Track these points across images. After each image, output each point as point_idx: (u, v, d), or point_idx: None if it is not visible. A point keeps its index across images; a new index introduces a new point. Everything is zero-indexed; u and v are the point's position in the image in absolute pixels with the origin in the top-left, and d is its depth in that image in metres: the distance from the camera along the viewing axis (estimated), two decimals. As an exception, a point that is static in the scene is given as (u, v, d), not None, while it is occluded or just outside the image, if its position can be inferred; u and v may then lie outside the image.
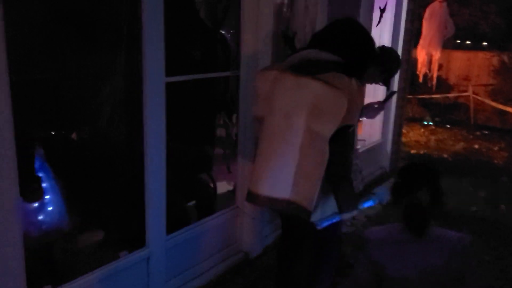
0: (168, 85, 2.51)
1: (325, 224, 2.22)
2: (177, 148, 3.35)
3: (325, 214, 2.25)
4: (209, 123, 3.98)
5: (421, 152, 6.77)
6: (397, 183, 1.88)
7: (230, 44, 4.11)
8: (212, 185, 3.57)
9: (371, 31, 4.56)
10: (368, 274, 1.89)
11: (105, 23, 2.60)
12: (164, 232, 2.66)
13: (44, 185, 2.45)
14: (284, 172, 2.03)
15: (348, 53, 2.17)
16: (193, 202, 3.36)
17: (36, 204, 2.49)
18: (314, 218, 2.21)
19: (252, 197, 2.15)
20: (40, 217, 2.53)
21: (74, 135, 2.95)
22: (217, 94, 4.15)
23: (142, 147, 2.47)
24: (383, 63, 2.44)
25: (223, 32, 4.45)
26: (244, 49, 3.04)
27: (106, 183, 2.82)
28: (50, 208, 2.57)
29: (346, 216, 2.23)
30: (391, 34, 5.14)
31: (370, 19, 4.52)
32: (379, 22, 4.55)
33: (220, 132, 4.72)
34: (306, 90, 2.00)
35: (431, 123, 8.74)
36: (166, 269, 2.71)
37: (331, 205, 2.22)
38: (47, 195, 2.51)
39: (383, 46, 2.60)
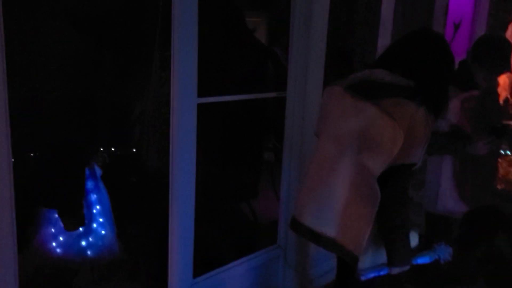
0: (208, 105, 2.28)
1: (371, 275, 1.93)
2: (213, 174, 3.07)
3: (374, 264, 1.94)
4: (254, 146, 3.67)
5: (498, 187, 5.98)
6: (464, 232, 1.46)
7: (284, 63, 3.81)
8: (252, 217, 3.22)
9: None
10: None
11: (138, 40, 2.38)
12: (190, 274, 2.34)
13: (98, 207, 2.38)
14: (330, 207, 1.78)
15: (423, 76, 1.81)
16: (228, 237, 3.02)
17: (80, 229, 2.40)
18: (362, 265, 1.90)
19: (295, 225, 1.91)
20: (86, 242, 2.45)
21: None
22: (266, 114, 3.86)
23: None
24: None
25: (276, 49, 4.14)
26: (292, 68, 2.69)
27: (136, 211, 2.60)
28: (102, 232, 2.46)
29: (396, 270, 1.88)
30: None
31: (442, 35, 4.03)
32: (452, 38, 4.05)
33: (269, 156, 4.38)
34: (361, 116, 1.72)
35: (508, 153, 7.83)
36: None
37: (383, 254, 1.89)
38: (100, 218, 2.42)
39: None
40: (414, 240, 1.97)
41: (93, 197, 2.44)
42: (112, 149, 2.61)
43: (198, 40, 2.12)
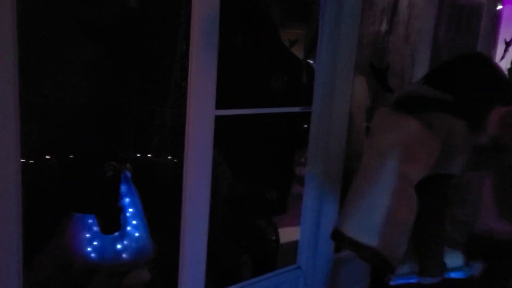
0: (237, 117, 2.30)
1: (400, 281, 1.96)
2: (239, 187, 3.01)
3: (406, 271, 1.96)
4: (284, 160, 3.58)
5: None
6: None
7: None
8: (274, 234, 3.11)
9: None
10: None
11: (159, 50, 2.37)
12: (200, 289, 2.28)
13: (131, 210, 2.38)
14: (371, 217, 1.81)
15: (467, 95, 1.86)
16: (247, 253, 2.93)
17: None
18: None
19: (336, 235, 1.93)
20: (121, 245, 2.45)
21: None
22: (299, 128, 3.77)
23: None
24: None
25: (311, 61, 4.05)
26: (319, 83, 2.59)
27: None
28: (136, 234, 2.46)
29: (426, 280, 1.92)
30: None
31: (493, 53, 3.79)
32: (503, 57, 3.79)
33: (301, 171, 4.27)
34: (401, 128, 1.81)
35: None
36: None
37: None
38: (134, 220, 2.41)
39: None
40: (458, 260, 1.97)
41: (126, 200, 2.46)
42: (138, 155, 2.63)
43: (222, 51, 2.08)
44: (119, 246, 2.47)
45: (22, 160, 1.66)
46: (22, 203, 1.66)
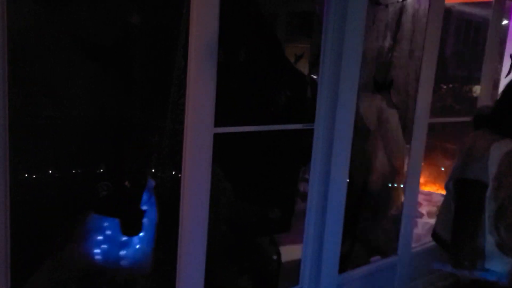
0: (238, 134, 2.31)
1: (436, 266, 2.18)
2: (241, 205, 2.95)
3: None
4: (288, 177, 3.51)
5: None
6: None
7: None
8: (275, 253, 3.04)
9: (498, 82, 3.75)
10: None
11: (158, 65, 2.35)
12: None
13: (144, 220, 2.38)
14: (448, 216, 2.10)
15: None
16: (247, 273, 2.86)
17: (124, 238, 2.40)
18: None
19: (434, 235, 2.27)
20: (123, 253, 2.44)
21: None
22: (301, 144, 3.71)
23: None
24: None
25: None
26: (321, 99, 2.54)
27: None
28: (137, 246, 2.45)
29: (457, 271, 2.06)
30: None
31: (499, 68, 3.73)
32: (509, 72, 3.72)
33: (305, 188, 4.20)
34: (468, 141, 2.12)
35: None
36: None
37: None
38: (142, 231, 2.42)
39: None
40: (504, 266, 2.00)
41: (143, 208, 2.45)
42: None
43: (222, 66, 2.04)
44: (122, 253, 2.44)
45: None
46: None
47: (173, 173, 2.52)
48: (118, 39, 2.24)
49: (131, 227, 2.38)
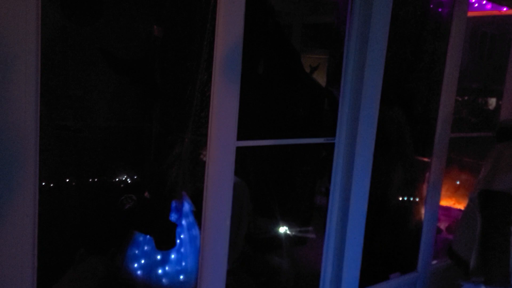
0: (256, 147, 2.31)
1: (467, 286, 2.18)
2: (257, 219, 2.93)
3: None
4: (303, 190, 3.49)
5: None
6: None
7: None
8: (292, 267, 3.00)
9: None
10: None
11: (180, 78, 2.36)
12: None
13: (182, 236, 2.35)
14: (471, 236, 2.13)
15: None
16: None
17: (159, 257, 2.37)
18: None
19: (450, 252, 2.33)
20: (161, 270, 2.42)
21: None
22: (320, 157, 3.68)
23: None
24: None
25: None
26: (343, 112, 2.53)
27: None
28: (183, 263, 2.40)
29: None
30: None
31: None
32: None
33: (321, 201, 4.16)
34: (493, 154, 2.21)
35: None
36: None
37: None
38: (182, 247, 2.37)
39: None
40: None
41: (181, 236, 2.45)
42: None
43: (242, 79, 2.05)
44: (160, 271, 2.43)
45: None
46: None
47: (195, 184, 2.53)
48: (141, 52, 2.26)
49: (164, 241, 2.34)
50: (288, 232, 3.17)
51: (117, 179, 2.51)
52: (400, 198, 3.43)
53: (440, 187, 3.22)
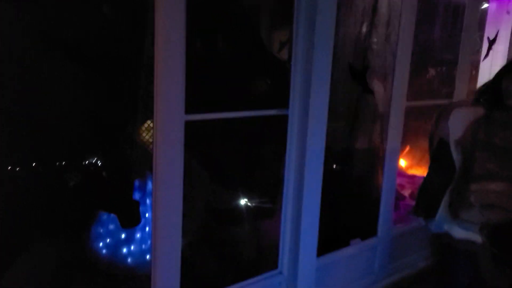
0: (218, 121, 2.34)
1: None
2: (221, 193, 2.97)
3: None
4: (272, 163, 3.53)
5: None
6: None
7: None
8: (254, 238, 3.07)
9: (477, 64, 3.77)
10: None
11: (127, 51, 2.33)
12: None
13: (147, 215, 2.39)
14: None
15: None
16: (225, 259, 2.89)
17: (123, 235, 2.40)
18: None
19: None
20: (126, 249, 2.46)
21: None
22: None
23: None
24: None
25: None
26: (295, 84, 2.55)
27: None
28: (149, 242, 2.45)
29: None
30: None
31: (479, 51, 3.75)
32: (486, 55, 3.73)
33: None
34: None
35: None
36: None
37: None
38: (147, 226, 2.39)
39: None
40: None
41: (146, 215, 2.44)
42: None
43: (188, 49, 2.03)
44: (124, 250, 2.46)
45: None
46: None
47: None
48: (86, 31, 2.23)
49: (128, 219, 2.35)
50: (253, 204, 3.22)
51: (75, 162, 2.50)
52: (362, 167, 3.51)
53: (398, 155, 3.29)
